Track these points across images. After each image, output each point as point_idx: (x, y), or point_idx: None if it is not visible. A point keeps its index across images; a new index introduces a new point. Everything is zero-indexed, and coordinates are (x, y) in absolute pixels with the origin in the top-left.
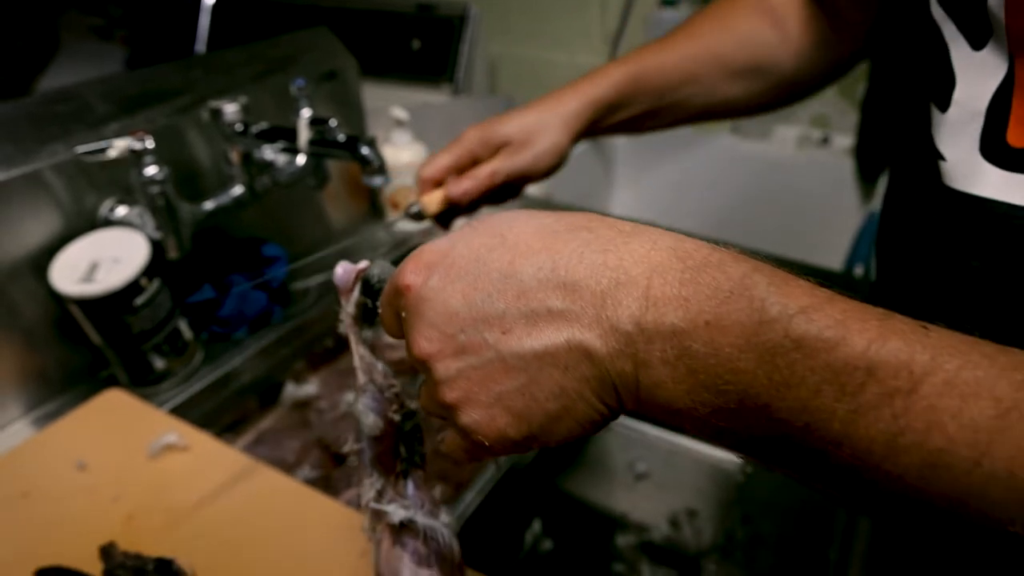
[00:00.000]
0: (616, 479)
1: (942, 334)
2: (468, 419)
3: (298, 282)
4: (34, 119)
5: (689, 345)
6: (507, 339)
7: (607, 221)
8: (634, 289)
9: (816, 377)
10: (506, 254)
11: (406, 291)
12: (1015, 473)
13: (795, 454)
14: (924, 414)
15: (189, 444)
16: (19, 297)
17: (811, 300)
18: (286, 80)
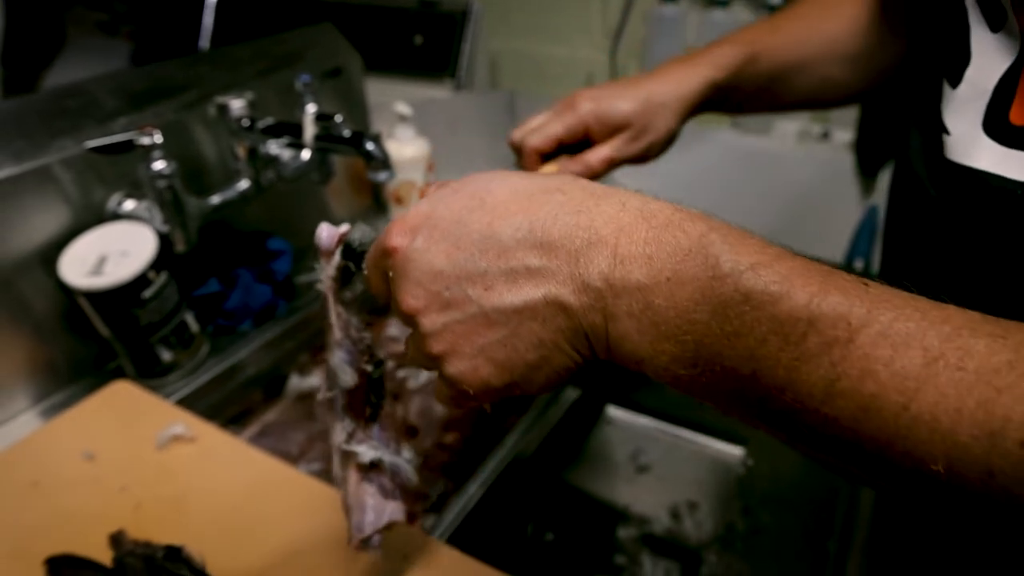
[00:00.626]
0: (618, 471)
1: (881, 289)
2: (453, 369)
3: (302, 276)
4: (44, 114)
5: (652, 300)
6: (489, 295)
7: (579, 183)
8: (604, 248)
9: (763, 328)
10: (485, 216)
11: (393, 253)
12: (938, 417)
13: (744, 399)
14: (859, 362)
15: (196, 435)
16: (28, 290)
17: (760, 257)
18: (291, 76)
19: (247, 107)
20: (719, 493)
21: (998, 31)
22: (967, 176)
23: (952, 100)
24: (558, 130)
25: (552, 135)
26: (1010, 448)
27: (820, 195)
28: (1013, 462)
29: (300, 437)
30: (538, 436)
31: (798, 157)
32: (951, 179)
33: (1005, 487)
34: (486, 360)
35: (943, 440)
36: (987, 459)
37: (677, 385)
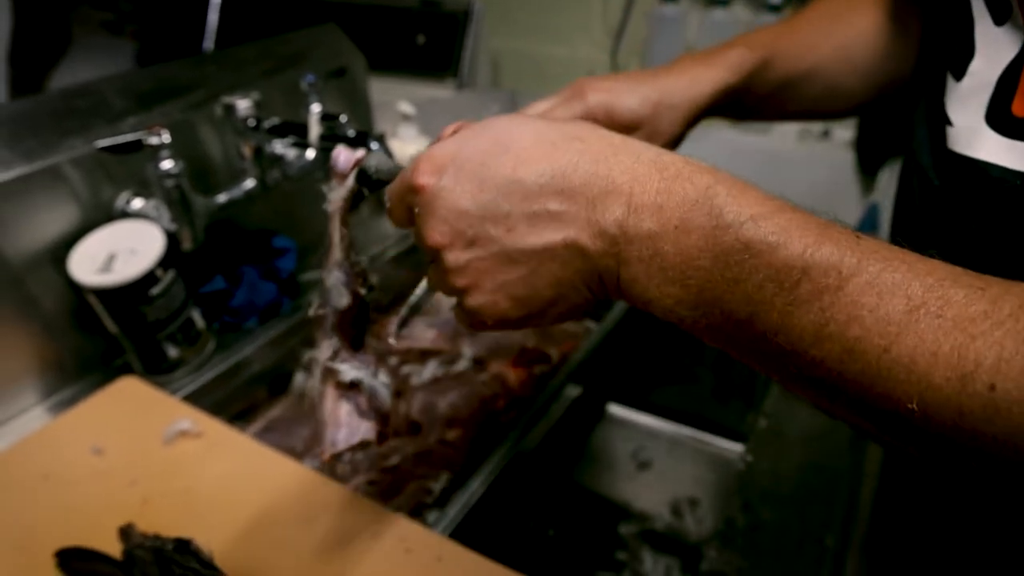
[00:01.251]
0: (619, 468)
1: (871, 243)
2: (475, 302)
3: (306, 273)
4: (54, 114)
5: (660, 247)
6: (511, 236)
7: (598, 132)
8: (619, 197)
9: (760, 275)
10: (509, 161)
11: (420, 190)
12: (916, 360)
13: (742, 340)
14: (847, 308)
15: (202, 431)
16: (38, 287)
17: (761, 208)
18: (296, 76)
19: (253, 107)
20: (719, 490)
21: (1002, 24)
22: (970, 167)
23: (956, 92)
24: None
25: None
26: (979, 390)
27: (821, 193)
28: (981, 403)
29: (305, 433)
30: (540, 433)
31: (799, 155)
32: (954, 170)
33: (973, 427)
34: (506, 296)
35: (919, 381)
36: (958, 400)
37: (681, 324)
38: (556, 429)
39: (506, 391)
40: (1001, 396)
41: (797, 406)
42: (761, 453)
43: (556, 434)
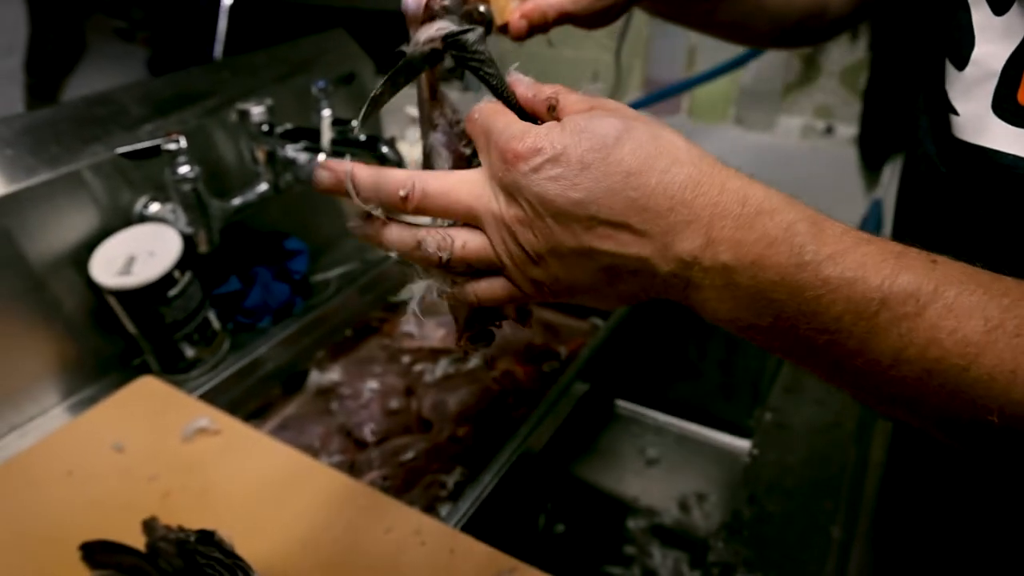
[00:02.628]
0: (627, 464)
1: (947, 266)
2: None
3: (318, 274)
4: (76, 121)
5: (735, 279)
6: (590, 236)
7: (692, 154)
8: (699, 227)
9: (838, 308)
10: (606, 167)
11: (513, 161)
12: (995, 377)
13: (817, 360)
14: (926, 332)
15: (220, 428)
16: (60, 290)
17: (839, 246)
18: (307, 81)
19: (266, 113)
20: (727, 484)
21: (1003, 14)
22: (978, 155)
23: (958, 81)
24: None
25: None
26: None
27: (825, 190)
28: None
29: (319, 430)
30: (549, 429)
31: (803, 152)
32: (962, 157)
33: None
34: (569, 283)
35: (998, 396)
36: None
37: (753, 342)
38: (565, 425)
39: (515, 388)
40: None
41: (802, 400)
42: (767, 447)
43: (565, 430)
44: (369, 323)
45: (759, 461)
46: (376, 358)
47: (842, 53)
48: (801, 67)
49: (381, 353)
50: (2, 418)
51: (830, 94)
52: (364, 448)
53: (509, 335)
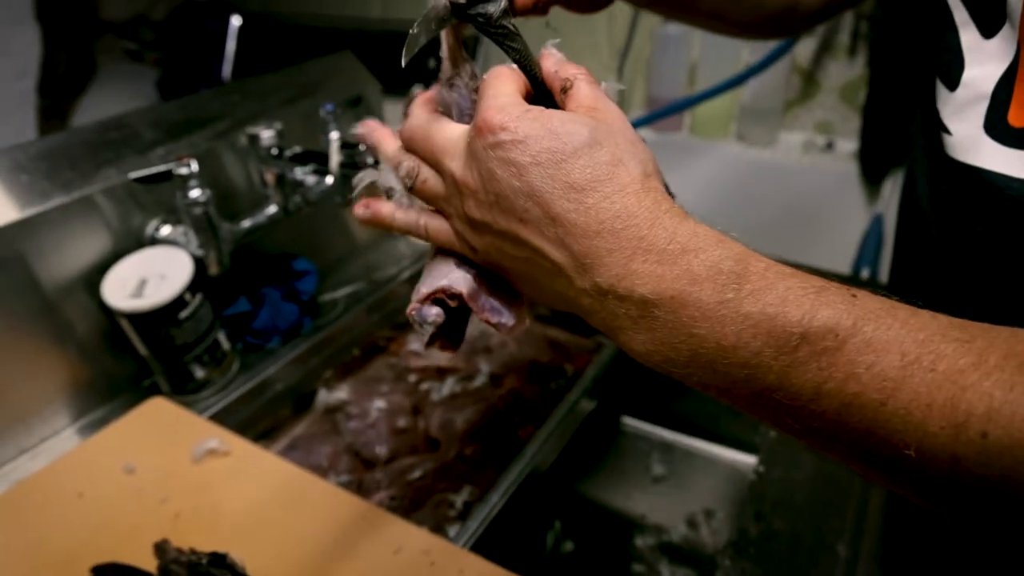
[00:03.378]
0: (634, 482)
1: (866, 301)
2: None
3: (326, 294)
4: (90, 146)
5: (652, 312)
6: (518, 225)
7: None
8: (619, 257)
9: (758, 342)
10: (552, 171)
11: (478, 132)
12: (911, 411)
13: (734, 394)
14: (844, 367)
15: (230, 449)
16: (72, 312)
17: (762, 283)
18: (315, 104)
19: (276, 136)
20: (734, 501)
21: (991, 37)
22: (971, 174)
23: (950, 102)
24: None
25: None
26: (972, 438)
27: (826, 205)
28: (976, 449)
29: (328, 450)
30: (556, 447)
31: (804, 168)
32: (956, 177)
33: (969, 471)
34: (498, 260)
35: (915, 431)
36: (952, 447)
37: (669, 375)
38: (572, 443)
39: (522, 407)
40: (993, 443)
41: None
42: (773, 464)
43: (572, 448)
44: (376, 342)
45: (765, 478)
46: (383, 377)
47: (840, 70)
48: (801, 84)
49: (388, 372)
50: (13, 440)
51: (830, 110)
52: (372, 468)
53: (516, 353)
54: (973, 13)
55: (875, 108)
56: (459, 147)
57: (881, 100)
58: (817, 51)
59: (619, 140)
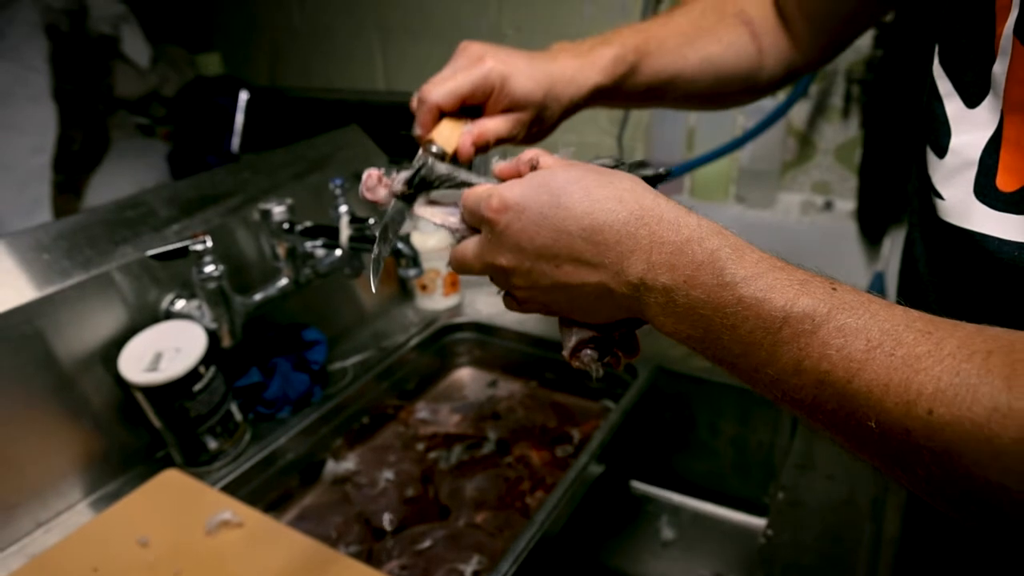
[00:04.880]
0: (644, 546)
1: (845, 293)
2: (528, 308)
3: (335, 363)
4: (108, 224)
5: (672, 296)
6: (558, 272)
7: (635, 194)
8: (641, 255)
9: (750, 323)
10: (561, 213)
11: (490, 222)
12: (872, 390)
13: (740, 368)
14: (819, 348)
15: (243, 520)
16: (89, 386)
17: (755, 270)
18: (324, 178)
19: (287, 212)
20: (744, 563)
21: (975, 106)
22: (965, 238)
23: (940, 168)
24: (464, 87)
25: (458, 92)
26: (920, 414)
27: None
28: (922, 424)
29: (338, 520)
30: (565, 513)
31: (803, 227)
32: (950, 241)
33: (917, 443)
34: (552, 310)
35: (874, 406)
36: (903, 422)
37: (695, 350)
38: (581, 509)
39: (530, 473)
40: (936, 419)
41: (815, 476)
42: (781, 526)
43: (581, 514)
44: (385, 410)
45: (774, 541)
46: (392, 446)
47: (835, 132)
48: (797, 146)
49: (397, 441)
50: (30, 514)
51: (827, 171)
52: (382, 537)
53: (523, 420)
54: (956, 84)
55: (871, 168)
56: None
57: (876, 161)
58: (811, 114)
59: (596, 169)
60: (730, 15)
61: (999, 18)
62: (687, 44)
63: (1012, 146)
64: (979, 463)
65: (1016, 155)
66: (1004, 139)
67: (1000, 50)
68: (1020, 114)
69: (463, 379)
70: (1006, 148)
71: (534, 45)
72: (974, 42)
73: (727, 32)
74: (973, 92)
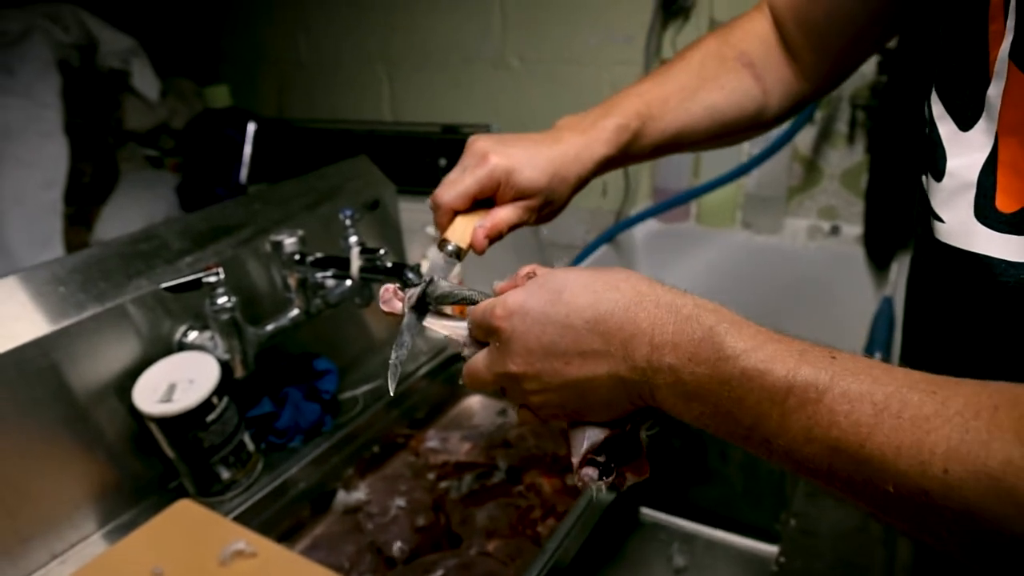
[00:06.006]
0: (655, 573)
1: (844, 360)
2: (544, 413)
3: (346, 392)
4: (122, 257)
5: (679, 375)
6: (568, 368)
7: (631, 281)
8: (644, 338)
9: (755, 395)
10: (563, 308)
11: (497, 331)
12: (885, 452)
13: (752, 441)
14: (826, 415)
15: (256, 550)
16: (103, 418)
17: (753, 342)
18: (334, 208)
19: (298, 243)
20: None
21: (968, 130)
22: (967, 260)
23: (939, 191)
24: (471, 188)
25: (466, 193)
26: (936, 474)
27: (835, 289)
28: (939, 484)
29: (350, 550)
30: (577, 541)
31: (810, 252)
32: (952, 263)
33: (935, 502)
34: (568, 409)
35: (889, 469)
36: (920, 482)
37: (707, 430)
38: (593, 536)
39: (542, 501)
40: (953, 477)
41: (826, 504)
42: (793, 553)
43: (593, 541)
44: (395, 439)
45: (786, 568)
46: (403, 475)
47: (841, 157)
48: (803, 172)
49: (407, 470)
50: (45, 546)
51: (833, 196)
52: (394, 566)
53: (533, 448)
54: (949, 108)
55: (877, 193)
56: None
57: (882, 185)
58: (817, 139)
59: (593, 269)
60: (730, 60)
61: (992, 43)
62: (689, 99)
63: (1008, 168)
64: (1002, 517)
65: (1013, 177)
66: (1000, 161)
67: (995, 74)
68: (1015, 136)
69: (473, 407)
70: (1002, 170)
71: (538, 74)
72: (967, 66)
73: (729, 78)
74: (966, 115)
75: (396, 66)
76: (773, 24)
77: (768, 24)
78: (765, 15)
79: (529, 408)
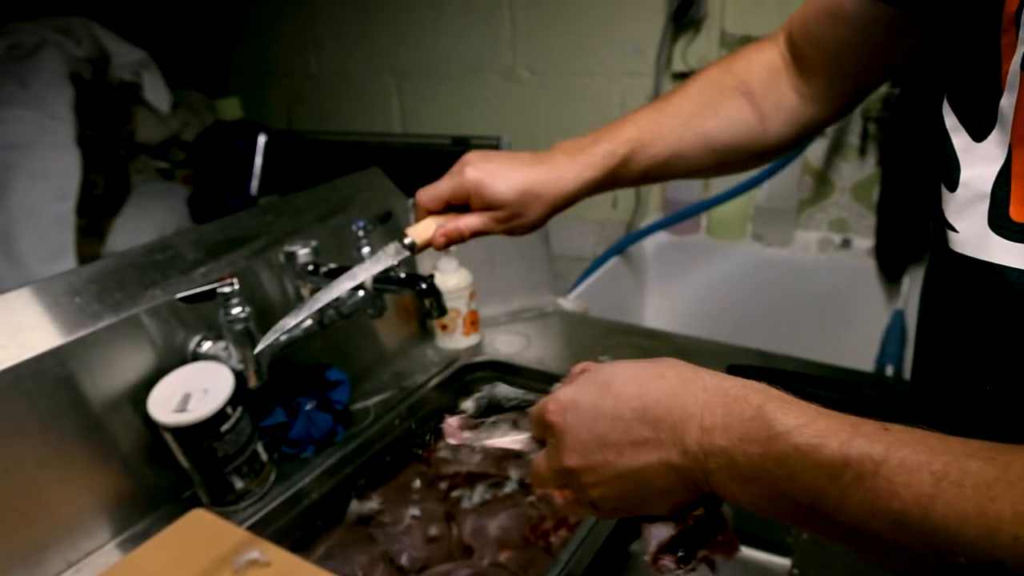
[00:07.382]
0: None
1: (898, 431)
2: (603, 506)
3: (358, 402)
4: (137, 268)
5: (732, 457)
6: (621, 459)
7: (676, 368)
8: (693, 421)
9: (811, 472)
10: (612, 399)
11: (551, 425)
12: (949, 523)
13: (813, 520)
14: (886, 487)
15: (270, 560)
16: (118, 427)
17: (804, 419)
18: (347, 220)
19: (311, 254)
20: None
21: (982, 140)
22: (982, 270)
23: (952, 201)
24: (444, 193)
25: (439, 196)
26: (1007, 541)
27: (846, 302)
28: (1011, 552)
29: (363, 559)
30: (589, 552)
31: (821, 265)
32: (967, 273)
33: (1013, 571)
34: (626, 504)
35: (956, 538)
36: (990, 551)
37: (766, 513)
38: (606, 547)
39: (554, 512)
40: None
41: None
42: (806, 566)
43: (606, 552)
44: (407, 449)
45: None
46: (415, 485)
47: (852, 170)
48: (814, 184)
49: (419, 480)
50: (60, 555)
51: (844, 209)
52: None
53: None
54: (962, 119)
55: (889, 206)
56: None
57: (894, 198)
58: (828, 152)
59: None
60: (729, 88)
61: (1004, 55)
62: (683, 125)
63: (1021, 178)
64: None
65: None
66: (1014, 172)
67: (1008, 85)
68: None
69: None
70: (1016, 181)
71: (548, 87)
72: (980, 78)
73: (725, 105)
74: (980, 126)
75: (406, 78)
76: (785, 52)
77: (777, 53)
78: (776, 44)
79: (594, 506)
